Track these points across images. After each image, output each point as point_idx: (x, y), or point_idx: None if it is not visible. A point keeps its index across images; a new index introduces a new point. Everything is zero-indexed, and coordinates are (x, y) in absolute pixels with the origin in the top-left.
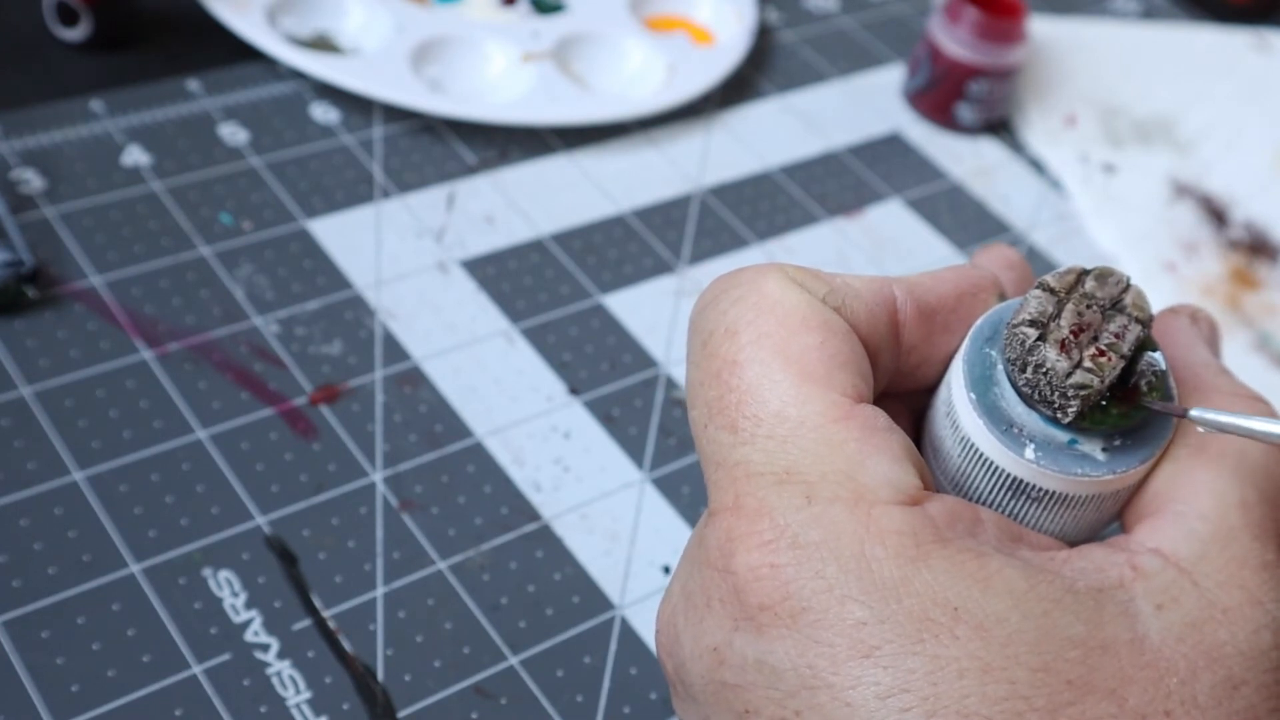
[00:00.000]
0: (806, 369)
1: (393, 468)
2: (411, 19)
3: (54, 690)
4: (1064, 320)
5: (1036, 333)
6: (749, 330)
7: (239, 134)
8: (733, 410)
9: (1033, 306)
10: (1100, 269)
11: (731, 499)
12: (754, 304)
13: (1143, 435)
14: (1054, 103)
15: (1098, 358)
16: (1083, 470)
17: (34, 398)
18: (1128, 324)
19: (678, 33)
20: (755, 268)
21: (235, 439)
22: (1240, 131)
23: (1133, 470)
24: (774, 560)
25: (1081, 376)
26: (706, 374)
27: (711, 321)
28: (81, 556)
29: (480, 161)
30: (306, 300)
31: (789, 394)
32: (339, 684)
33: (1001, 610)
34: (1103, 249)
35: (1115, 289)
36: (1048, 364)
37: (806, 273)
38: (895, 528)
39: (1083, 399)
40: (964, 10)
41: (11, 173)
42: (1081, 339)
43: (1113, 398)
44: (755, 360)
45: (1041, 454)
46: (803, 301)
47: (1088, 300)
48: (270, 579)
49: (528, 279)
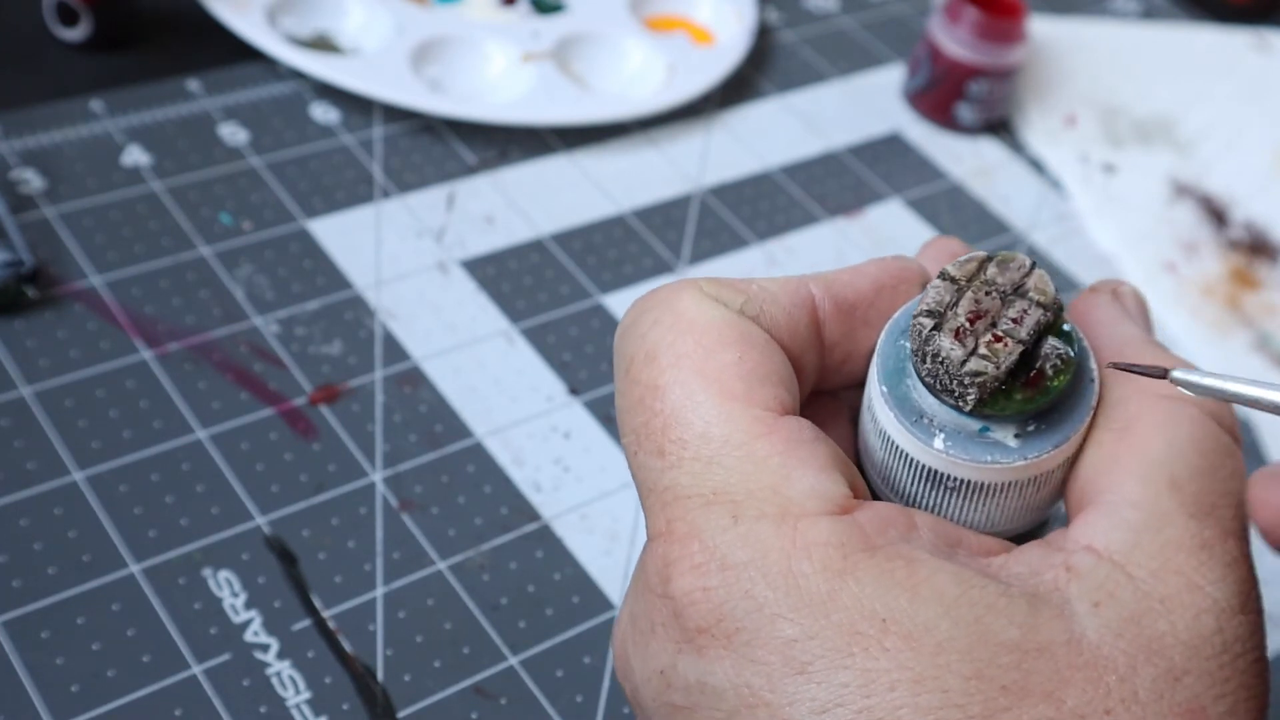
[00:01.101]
0: (726, 387)
1: (393, 468)
2: (411, 19)
3: (54, 690)
4: (961, 308)
5: (933, 322)
6: (667, 353)
7: (239, 134)
8: (659, 435)
9: (931, 296)
10: (1002, 254)
11: (664, 524)
12: (670, 325)
13: (1058, 419)
14: (1054, 103)
15: (993, 344)
16: (993, 458)
17: (34, 398)
18: (1028, 308)
19: (678, 33)
20: (670, 286)
21: (235, 439)
22: (1240, 131)
23: (1046, 455)
24: (706, 583)
25: (976, 364)
26: (631, 400)
27: (631, 346)
28: (81, 556)
29: (480, 161)
30: (306, 300)
31: (711, 414)
32: (339, 684)
33: (930, 618)
34: (1103, 249)
35: (1017, 274)
36: (943, 353)
37: (721, 284)
38: (822, 539)
39: (979, 386)
40: (964, 10)
41: (11, 173)
42: (978, 326)
43: (1017, 383)
44: (676, 383)
45: (951, 443)
46: (718, 317)
47: (988, 287)
48: (270, 579)
49: (528, 279)
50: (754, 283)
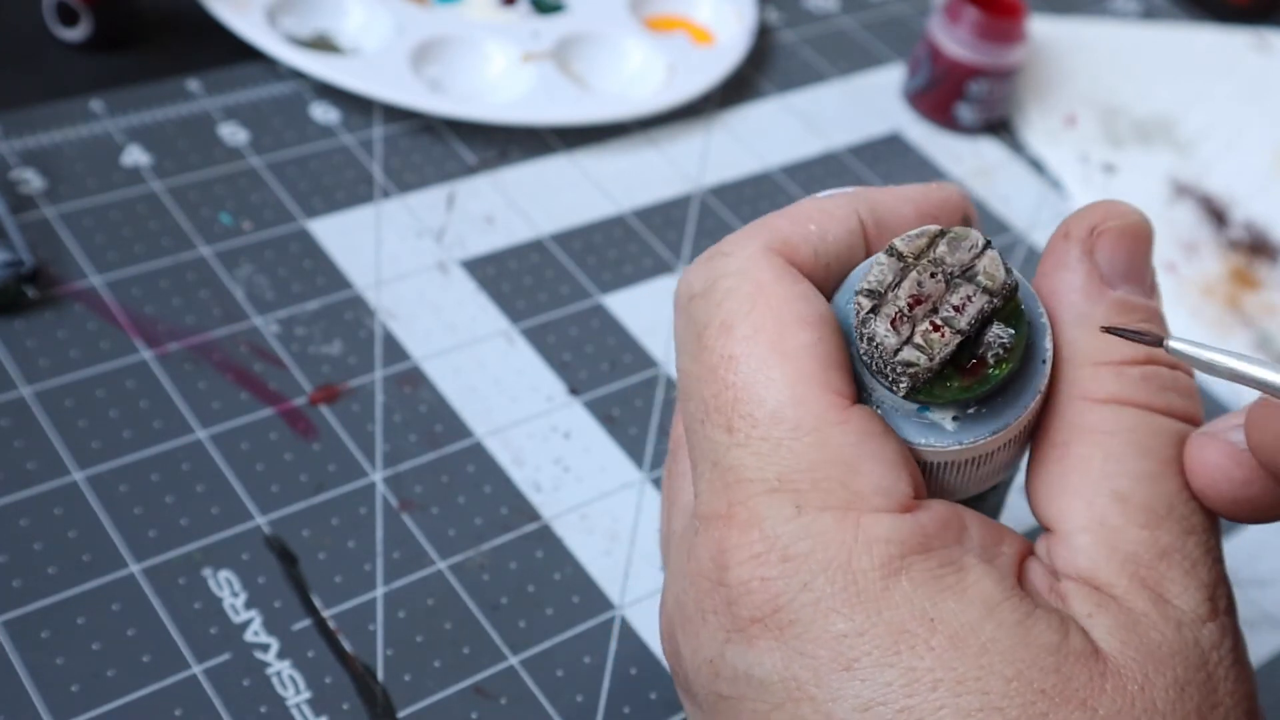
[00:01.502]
0: (803, 368)
1: (393, 468)
2: (411, 19)
3: (54, 690)
4: (902, 291)
5: (871, 304)
6: (744, 324)
7: (239, 134)
8: (728, 408)
9: (874, 274)
10: (956, 231)
11: (724, 506)
12: (748, 295)
13: (1001, 404)
14: (1054, 103)
15: (930, 333)
16: (927, 440)
17: (34, 398)
18: (973, 295)
19: (678, 33)
20: (743, 248)
21: (235, 439)
22: (1240, 131)
23: (983, 441)
24: (764, 573)
25: (909, 353)
26: (703, 368)
27: (705, 313)
28: (81, 556)
29: (480, 161)
30: (306, 300)
31: (785, 394)
32: (339, 684)
33: (975, 619)
34: None
35: (968, 254)
36: (877, 338)
37: (790, 241)
38: (883, 536)
39: (910, 376)
40: (964, 10)
41: (11, 173)
42: (917, 312)
43: (957, 370)
44: (752, 356)
45: (887, 419)
46: (797, 294)
47: (935, 267)
48: (270, 579)
49: (528, 279)
50: (812, 221)
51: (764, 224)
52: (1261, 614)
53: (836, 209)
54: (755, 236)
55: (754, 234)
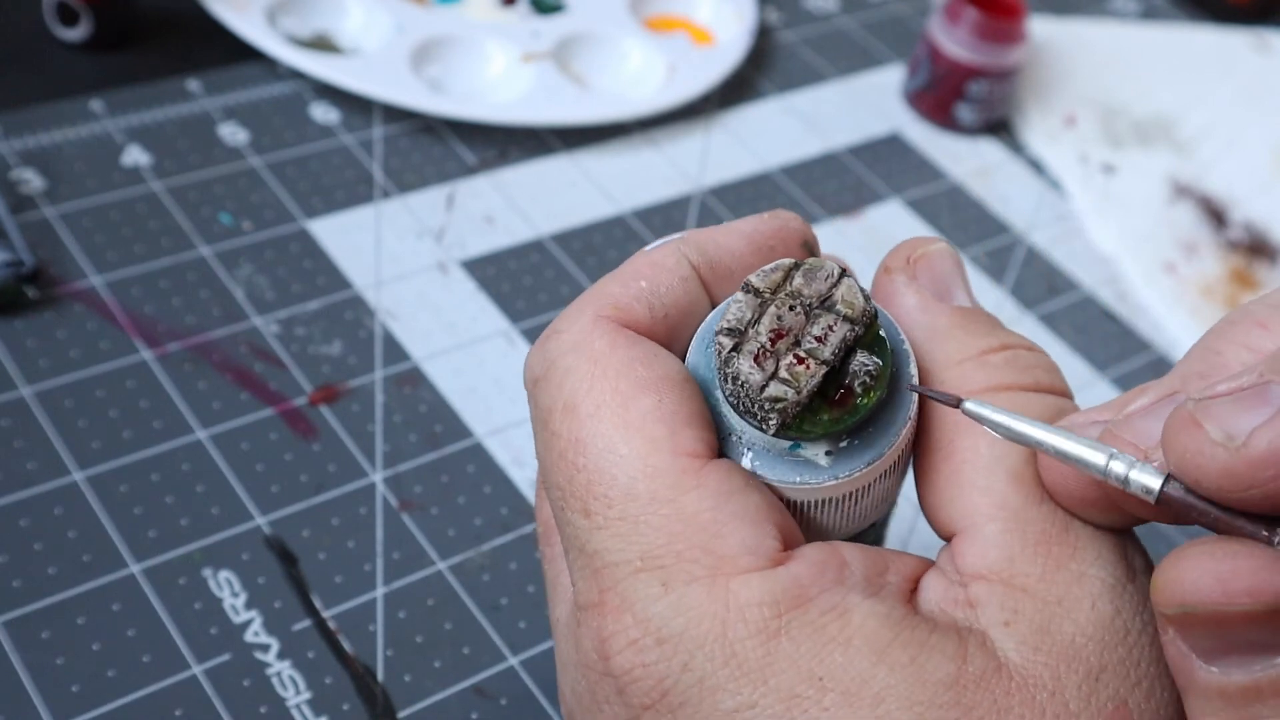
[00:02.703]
0: (649, 435)
1: (393, 468)
2: (411, 19)
3: (54, 690)
4: (763, 326)
5: (732, 342)
6: (586, 402)
7: (239, 134)
8: (583, 493)
9: (732, 312)
10: (810, 262)
11: (596, 594)
12: (586, 372)
13: (873, 434)
14: (1054, 103)
15: (795, 367)
16: (802, 478)
17: (34, 398)
18: (834, 324)
19: (678, 33)
20: (578, 325)
21: (235, 439)
22: (1240, 132)
23: (859, 473)
24: (644, 659)
25: (775, 389)
26: (554, 455)
27: (549, 397)
28: (81, 556)
29: (480, 161)
30: (306, 300)
31: (636, 468)
32: (339, 684)
33: (866, 669)
34: (1102, 249)
35: (825, 284)
36: (741, 376)
37: (622, 301)
38: (755, 599)
39: (780, 412)
40: (964, 10)
41: (11, 173)
42: (779, 346)
43: (824, 403)
44: (597, 435)
45: (760, 462)
46: (634, 359)
47: (793, 300)
48: (270, 579)
49: (528, 279)
50: (642, 278)
51: (594, 292)
52: None
53: (664, 259)
54: (586, 307)
55: (585, 305)
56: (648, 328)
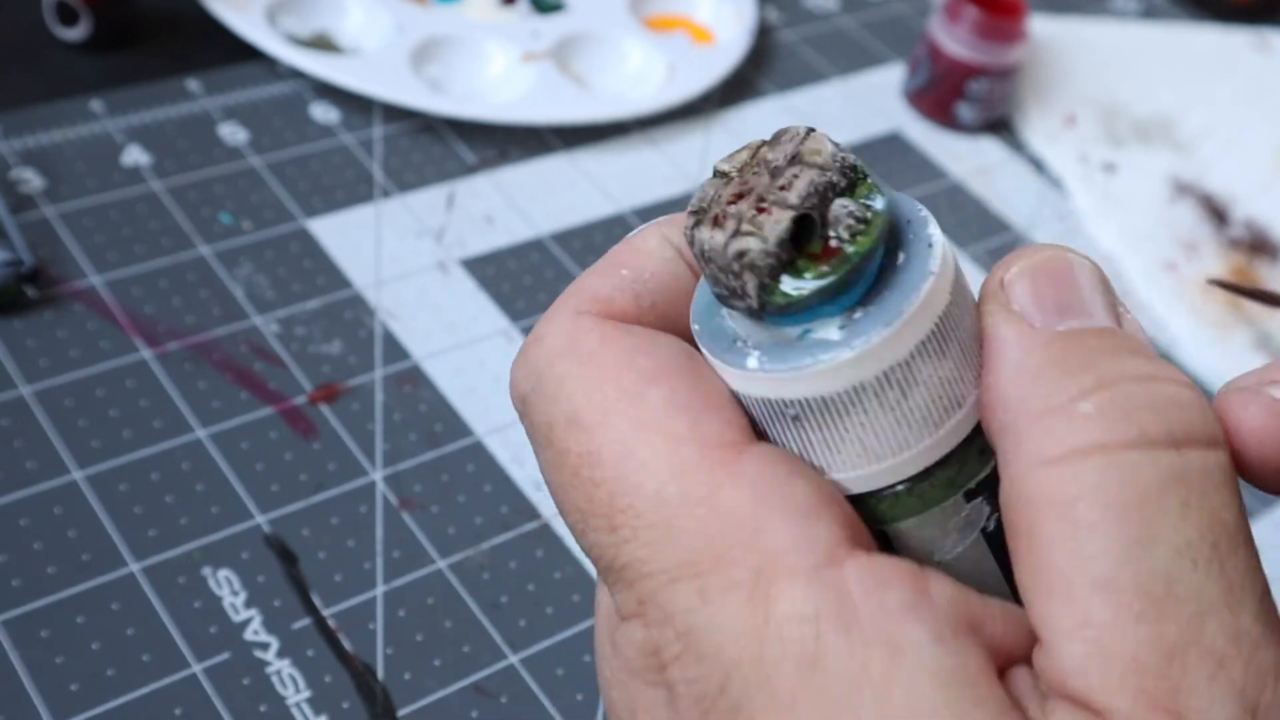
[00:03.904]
0: (670, 431)
1: (392, 467)
2: (411, 19)
3: (54, 689)
4: (723, 195)
5: (694, 220)
6: (589, 409)
7: (239, 134)
8: (606, 508)
9: (696, 196)
10: (778, 131)
11: (634, 604)
12: (580, 376)
13: (890, 295)
14: (1054, 102)
15: (756, 216)
16: (814, 357)
17: (34, 397)
18: (799, 172)
19: (678, 32)
20: (560, 327)
21: (235, 438)
22: (1240, 131)
23: (879, 337)
24: (686, 675)
25: (738, 243)
26: (565, 474)
27: (544, 412)
28: (81, 555)
29: (480, 161)
30: (306, 300)
31: (662, 469)
32: (339, 683)
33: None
34: (1103, 248)
35: (791, 145)
36: (705, 245)
37: (607, 300)
38: (797, 611)
39: (750, 268)
40: (964, 9)
41: (11, 172)
42: (741, 206)
43: (809, 259)
44: (611, 443)
45: (767, 357)
46: (631, 347)
47: (757, 168)
48: (270, 578)
49: (528, 279)
50: (623, 266)
51: (573, 289)
52: None
53: (644, 243)
54: (564, 307)
55: (563, 304)
56: (636, 319)
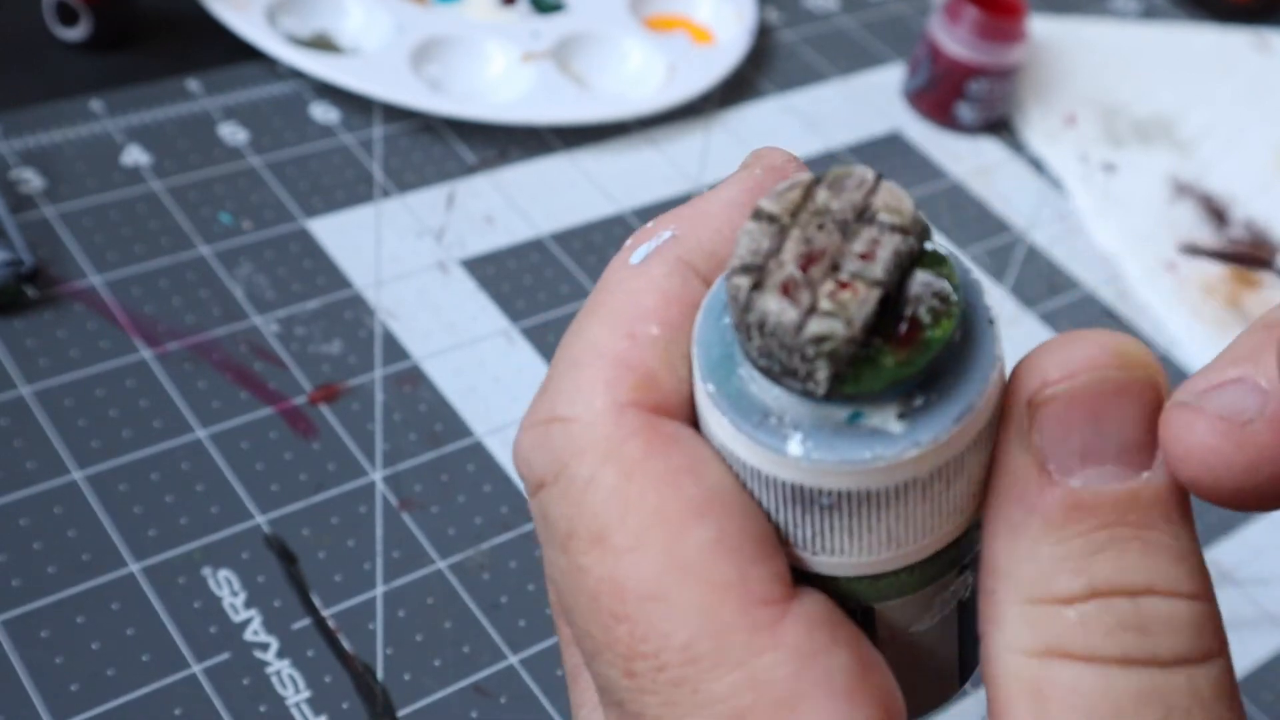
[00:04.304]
0: (713, 579)
1: (392, 467)
2: (411, 19)
3: (53, 689)
4: (787, 253)
5: (751, 280)
6: (621, 533)
7: (239, 134)
8: (625, 649)
9: (744, 246)
10: (835, 171)
11: None
12: (615, 489)
13: (952, 383)
14: (1054, 102)
15: (839, 292)
16: (874, 453)
17: (33, 397)
18: (880, 236)
19: (678, 32)
20: (593, 413)
21: (235, 438)
22: (1240, 131)
23: (948, 435)
24: None
25: (819, 325)
26: (583, 597)
27: (565, 516)
28: (81, 555)
29: (480, 161)
30: (306, 300)
31: (697, 624)
32: (338, 683)
33: None
34: (1103, 248)
35: (858, 193)
36: (770, 319)
37: (650, 378)
38: None
39: (829, 357)
40: (964, 9)
41: (11, 172)
42: (814, 273)
43: (884, 343)
44: (643, 580)
45: (812, 443)
46: (678, 468)
47: (821, 219)
48: (270, 578)
49: (528, 279)
50: (650, 319)
51: (596, 351)
52: (1262, 613)
53: (665, 281)
54: (598, 385)
55: (593, 378)
56: (676, 396)
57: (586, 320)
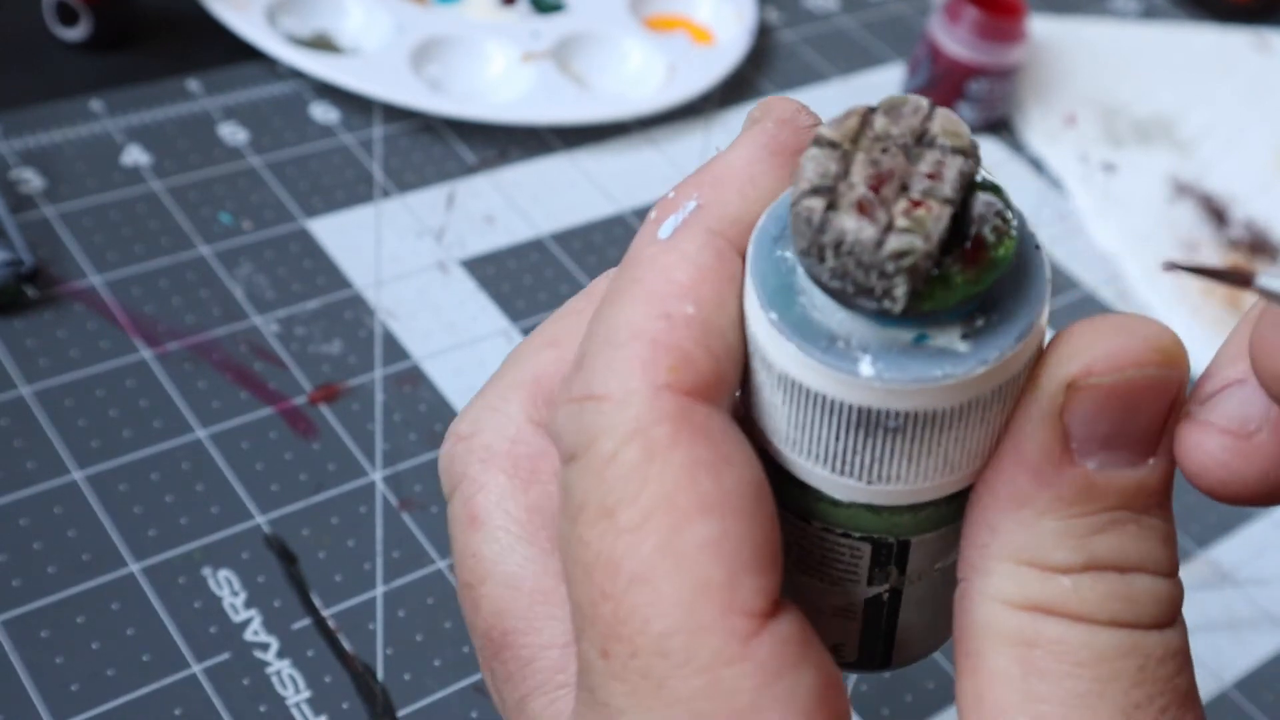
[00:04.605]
0: (702, 578)
1: (392, 467)
2: (411, 19)
3: (53, 689)
4: (856, 175)
5: (824, 202)
6: (629, 510)
7: (239, 134)
8: (604, 626)
9: (810, 170)
10: (889, 99)
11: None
12: (636, 466)
13: (1010, 304)
14: (1054, 102)
15: (913, 210)
16: (944, 371)
17: (33, 397)
18: (943, 158)
19: (678, 32)
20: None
21: (235, 438)
22: (1240, 131)
23: (1011, 352)
24: None
25: (899, 241)
26: (579, 569)
27: (582, 488)
28: (81, 556)
29: (480, 161)
30: (306, 300)
31: (675, 617)
32: (338, 683)
33: None
34: (1103, 248)
35: (916, 119)
36: (848, 237)
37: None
38: None
39: (909, 271)
40: (964, 9)
41: (11, 172)
42: (886, 192)
43: (954, 261)
44: (636, 559)
45: (884, 364)
46: (700, 460)
47: (882, 143)
48: (270, 578)
49: (528, 279)
50: (686, 298)
51: (636, 337)
52: (1262, 613)
53: (699, 255)
54: (635, 366)
55: (633, 361)
56: (712, 377)
57: (621, 298)
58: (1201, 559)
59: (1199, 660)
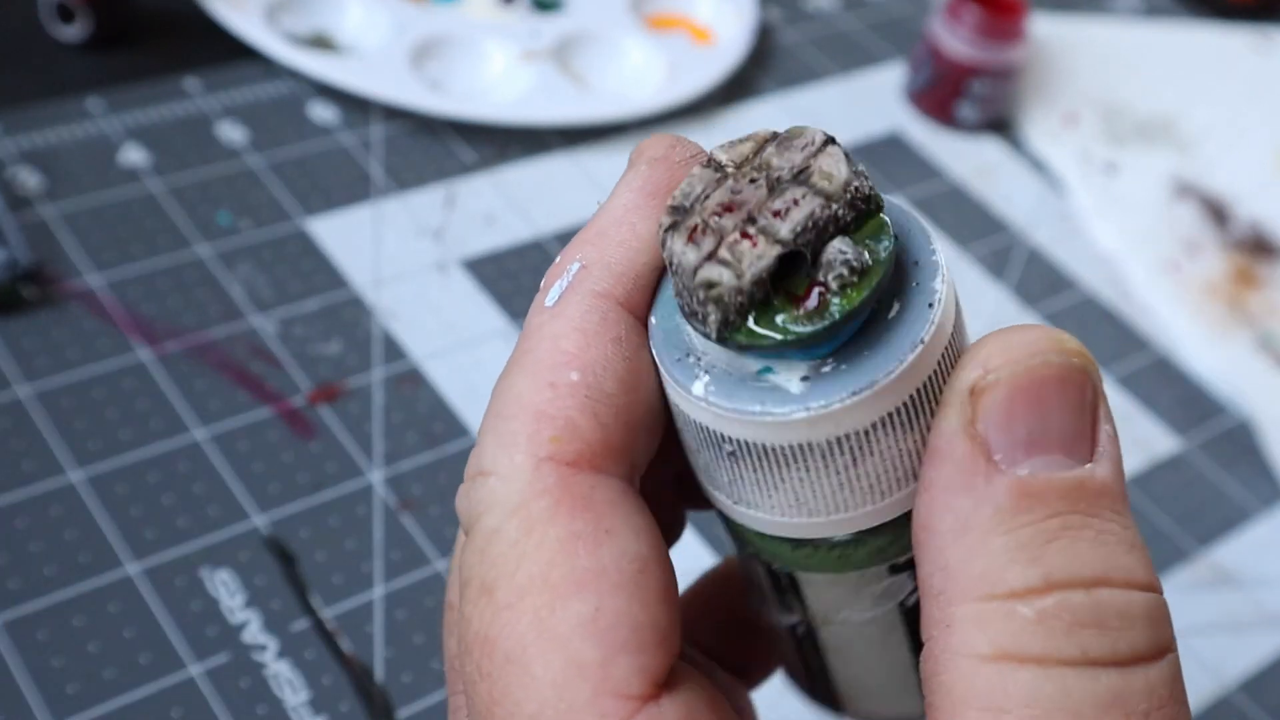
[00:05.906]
0: (574, 659)
1: (391, 467)
2: (411, 18)
3: (51, 691)
4: (711, 200)
5: (671, 220)
6: (506, 587)
7: (237, 133)
8: (483, 703)
9: (681, 188)
10: (791, 130)
11: None
12: (514, 542)
13: (870, 356)
14: (1055, 102)
15: (738, 244)
16: (763, 407)
17: (31, 398)
18: (800, 197)
19: (678, 32)
20: (510, 469)
21: (233, 439)
22: (1242, 131)
23: (837, 405)
24: None
25: (708, 271)
26: (464, 643)
27: (468, 565)
28: (79, 557)
29: (480, 161)
30: (305, 300)
31: (545, 699)
32: (337, 684)
33: None
34: (1104, 248)
35: (801, 154)
36: (674, 259)
37: (574, 429)
38: None
39: (716, 302)
40: (965, 9)
41: (9, 172)
42: (726, 221)
43: (788, 300)
44: (509, 639)
45: (715, 387)
46: (577, 533)
47: (758, 173)
48: (268, 579)
49: (527, 278)
50: (570, 365)
51: (523, 409)
52: (1262, 613)
53: (587, 322)
54: (519, 439)
55: (517, 435)
56: (602, 443)
57: (512, 370)
58: (1203, 559)
59: (1200, 661)
